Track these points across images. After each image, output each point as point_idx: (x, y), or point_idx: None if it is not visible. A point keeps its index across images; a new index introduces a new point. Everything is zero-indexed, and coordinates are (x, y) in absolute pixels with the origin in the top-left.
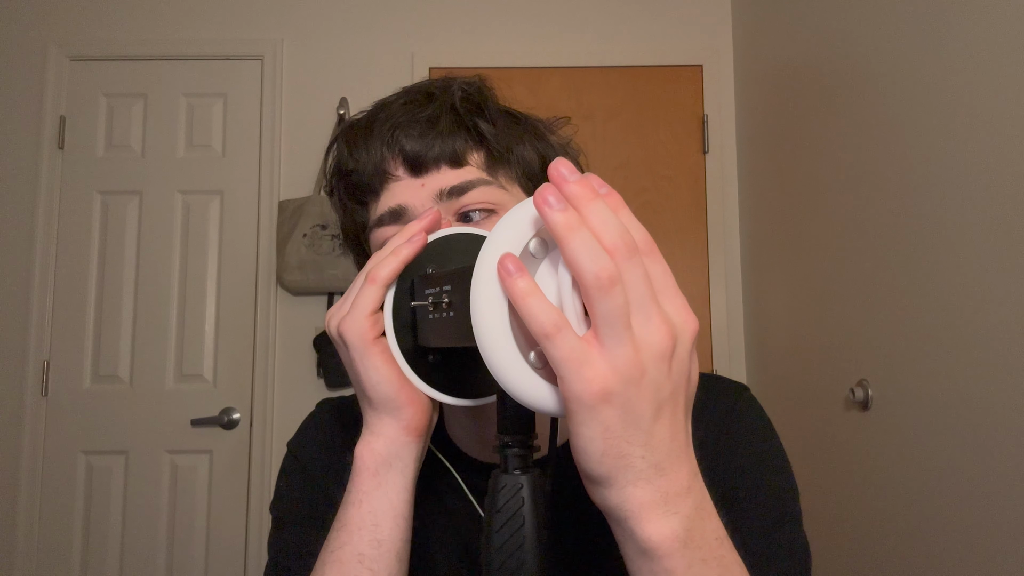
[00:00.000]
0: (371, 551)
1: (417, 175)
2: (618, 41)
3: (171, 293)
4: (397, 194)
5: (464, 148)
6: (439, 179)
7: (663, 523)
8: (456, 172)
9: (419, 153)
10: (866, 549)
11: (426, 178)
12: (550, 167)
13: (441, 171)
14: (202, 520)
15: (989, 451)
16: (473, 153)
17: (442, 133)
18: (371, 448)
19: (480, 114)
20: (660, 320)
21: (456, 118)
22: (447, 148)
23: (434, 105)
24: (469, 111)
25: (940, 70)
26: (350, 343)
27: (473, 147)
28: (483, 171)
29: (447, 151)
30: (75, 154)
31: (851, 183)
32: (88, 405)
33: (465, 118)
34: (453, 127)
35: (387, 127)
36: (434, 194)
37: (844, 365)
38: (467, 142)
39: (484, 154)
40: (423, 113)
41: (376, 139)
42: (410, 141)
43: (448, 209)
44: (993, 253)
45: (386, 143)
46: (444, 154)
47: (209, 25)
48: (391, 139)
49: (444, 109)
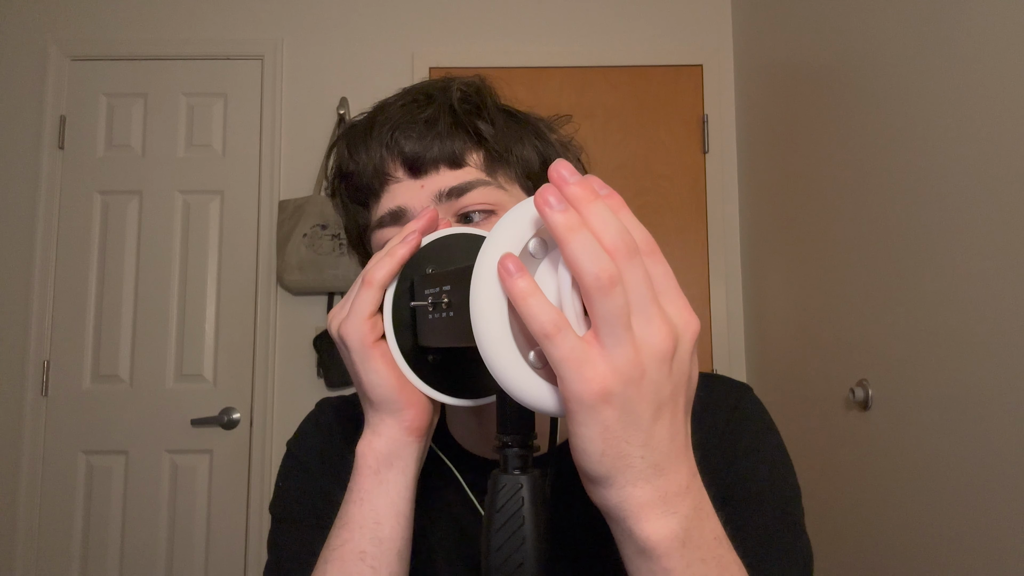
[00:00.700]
0: (372, 549)
1: (416, 176)
2: (618, 41)
3: (171, 293)
4: (397, 195)
5: (463, 149)
6: (438, 180)
7: (662, 523)
8: (455, 173)
9: (418, 154)
10: (866, 549)
11: (425, 179)
12: (550, 168)
13: (440, 172)
14: (202, 520)
15: (989, 451)
16: (472, 154)
17: (440, 134)
18: (372, 447)
19: (479, 114)
20: (661, 321)
21: (454, 119)
22: (446, 149)
23: (433, 106)
24: (468, 112)
25: (940, 70)
26: (351, 346)
27: (472, 148)
28: (482, 171)
29: (446, 152)
30: (75, 154)
31: (851, 183)
32: (88, 405)
33: (464, 119)
34: (451, 128)
35: (386, 129)
36: (433, 195)
37: (844, 365)
38: (466, 143)
39: (483, 154)
40: (422, 114)
41: (375, 141)
42: (409, 143)
43: (448, 210)
44: (993, 253)
45: (385, 145)
46: (443, 155)
47: (209, 25)
48: (390, 141)
49: (443, 110)
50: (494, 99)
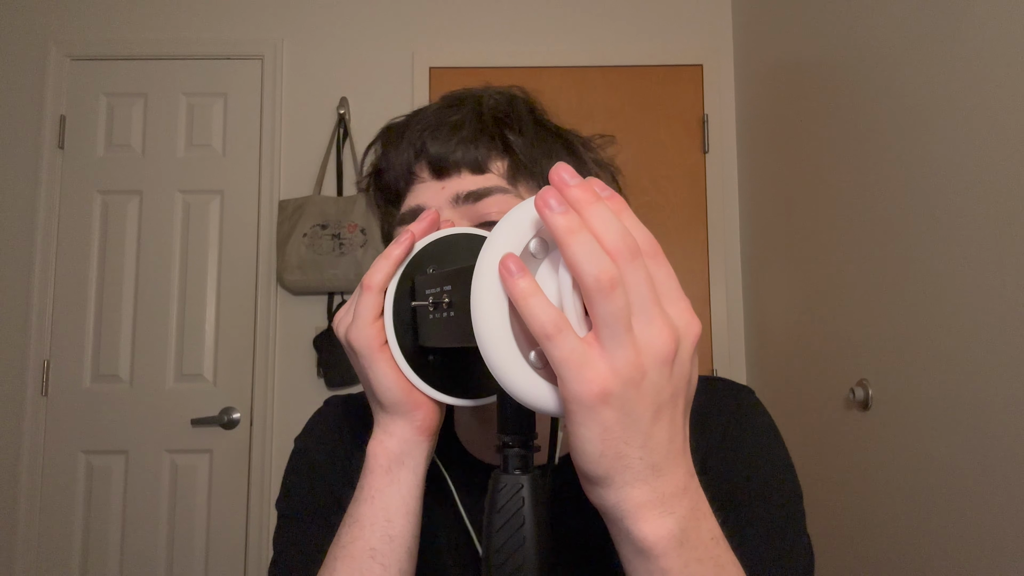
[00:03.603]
0: (383, 546)
1: (439, 178)
2: (618, 41)
3: (171, 293)
4: (419, 195)
5: (486, 156)
6: (459, 183)
7: (659, 523)
8: (475, 178)
9: (442, 156)
10: (866, 549)
11: (447, 182)
12: (551, 171)
13: (462, 176)
14: (202, 520)
15: (989, 451)
16: (497, 161)
17: (465, 139)
18: (384, 447)
19: (507, 123)
20: (662, 323)
21: (481, 125)
22: (469, 154)
23: (462, 111)
24: (497, 119)
25: (940, 69)
26: (359, 351)
27: (497, 155)
28: (504, 180)
29: (469, 157)
30: (75, 154)
31: (851, 183)
32: (88, 405)
33: (491, 126)
34: (477, 134)
35: (417, 130)
36: (452, 198)
37: (844, 365)
38: (490, 150)
39: (508, 163)
40: (451, 118)
41: (406, 141)
42: (435, 144)
43: (464, 214)
44: (993, 253)
45: (414, 146)
46: (466, 159)
47: (209, 25)
48: (419, 142)
49: (471, 116)
50: (531, 110)
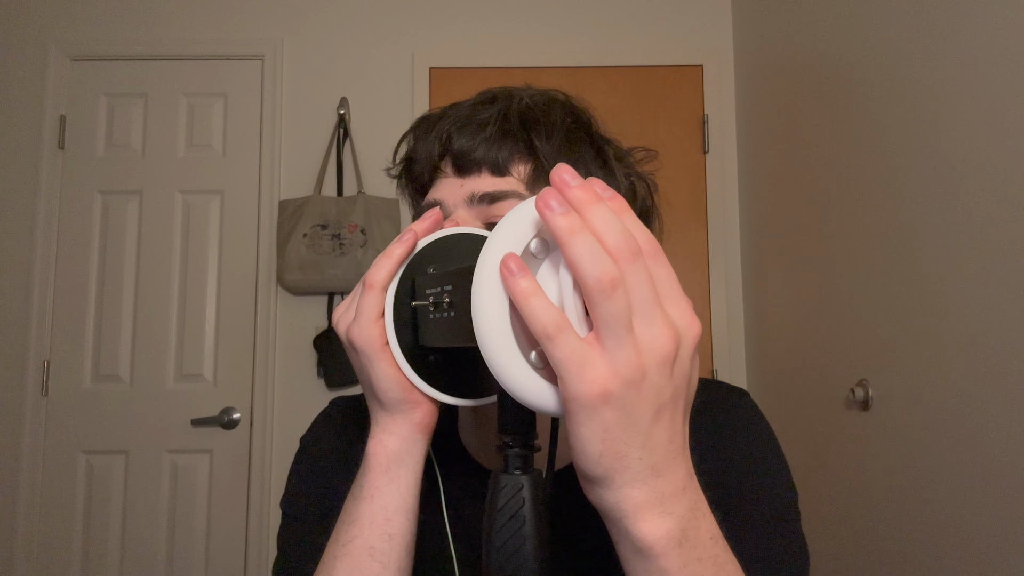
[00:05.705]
0: (382, 544)
1: (460, 175)
2: (618, 41)
3: (171, 293)
4: (440, 189)
5: (509, 158)
6: (477, 183)
7: (658, 523)
8: (494, 180)
9: (464, 153)
10: (866, 549)
11: (467, 180)
12: (552, 172)
13: (482, 175)
14: (202, 520)
15: (989, 451)
16: (519, 164)
17: (489, 139)
18: (384, 445)
19: (535, 126)
20: (663, 324)
21: (507, 126)
22: (491, 154)
23: (492, 109)
24: (525, 121)
25: (940, 69)
26: (360, 350)
27: (520, 158)
28: (524, 184)
29: (490, 156)
30: (75, 154)
31: (851, 183)
32: (88, 405)
33: (517, 127)
34: (500, 135)
35: (447, 124)
36: (468, 196)
37: (844, 365)
38: (513, 152)
39: (531, 167)
40: (480, 115)
41: (435, 134)
42: (459, 141)
43: (478, 215)
44: (993, 253)
45: (440, 139)
46: (487, 159)
47: (209, 25)
48: (446, 136)
49: (498, 116)
50: (570, 114)
